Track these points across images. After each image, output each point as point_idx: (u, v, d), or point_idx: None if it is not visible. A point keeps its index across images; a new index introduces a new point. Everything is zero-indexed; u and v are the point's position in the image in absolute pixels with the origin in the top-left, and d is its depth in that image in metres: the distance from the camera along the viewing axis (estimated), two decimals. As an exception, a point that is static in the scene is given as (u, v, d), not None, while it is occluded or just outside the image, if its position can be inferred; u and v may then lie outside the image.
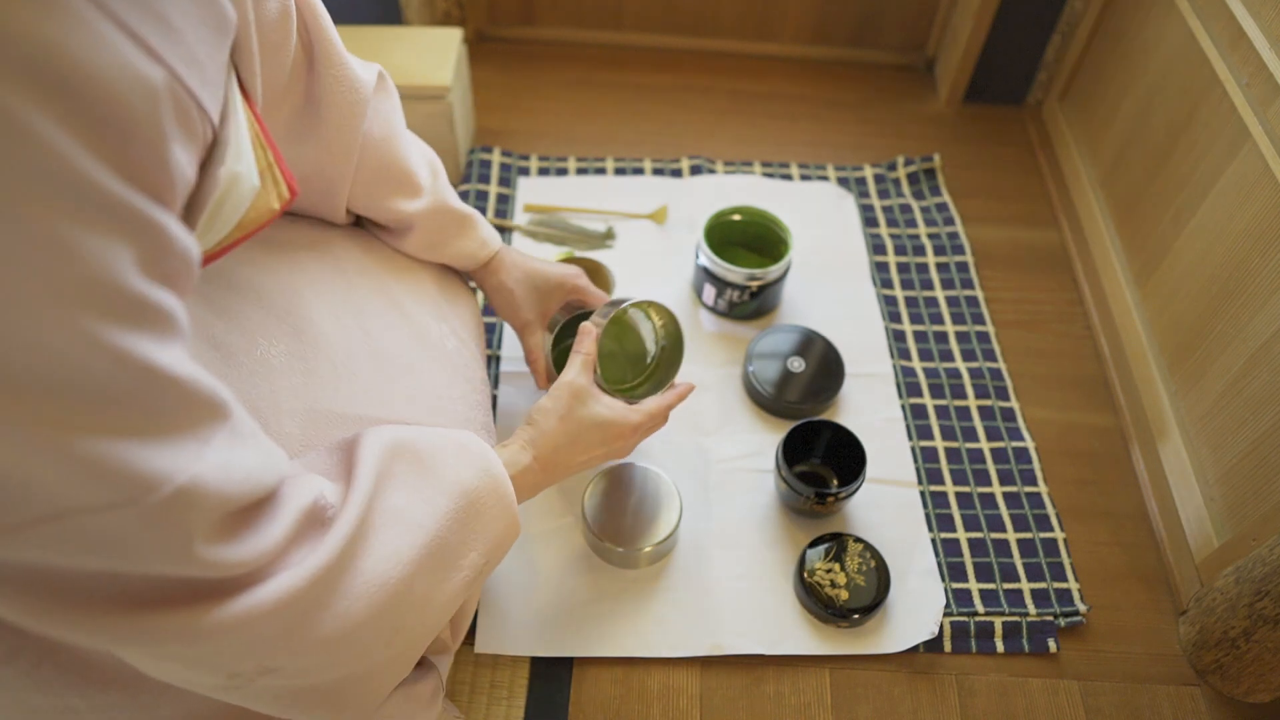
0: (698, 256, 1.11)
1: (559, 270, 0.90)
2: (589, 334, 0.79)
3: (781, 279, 1.11)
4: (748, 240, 1.15)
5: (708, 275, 1.09)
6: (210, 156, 0.44)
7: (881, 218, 1.30)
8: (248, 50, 0.53)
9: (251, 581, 0.45)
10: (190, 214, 0.44)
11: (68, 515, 0.35)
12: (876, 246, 1.26)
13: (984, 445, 1.05)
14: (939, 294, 1.21)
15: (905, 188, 1.34)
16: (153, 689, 0.53)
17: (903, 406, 1.08)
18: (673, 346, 0.89)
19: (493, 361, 1.09)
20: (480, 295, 1.05)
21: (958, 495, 1.01)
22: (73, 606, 0.39)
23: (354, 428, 0.65)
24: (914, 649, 0.89)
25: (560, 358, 0.95)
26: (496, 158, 1.32)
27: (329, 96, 0.70)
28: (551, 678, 0.86)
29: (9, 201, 0.30)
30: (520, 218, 1.25)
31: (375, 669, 0.56)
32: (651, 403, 0.80)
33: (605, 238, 1.23)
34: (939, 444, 1.05)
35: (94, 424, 0.34)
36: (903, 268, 1.23)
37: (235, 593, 0.44)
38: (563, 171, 1.33)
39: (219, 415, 0.41)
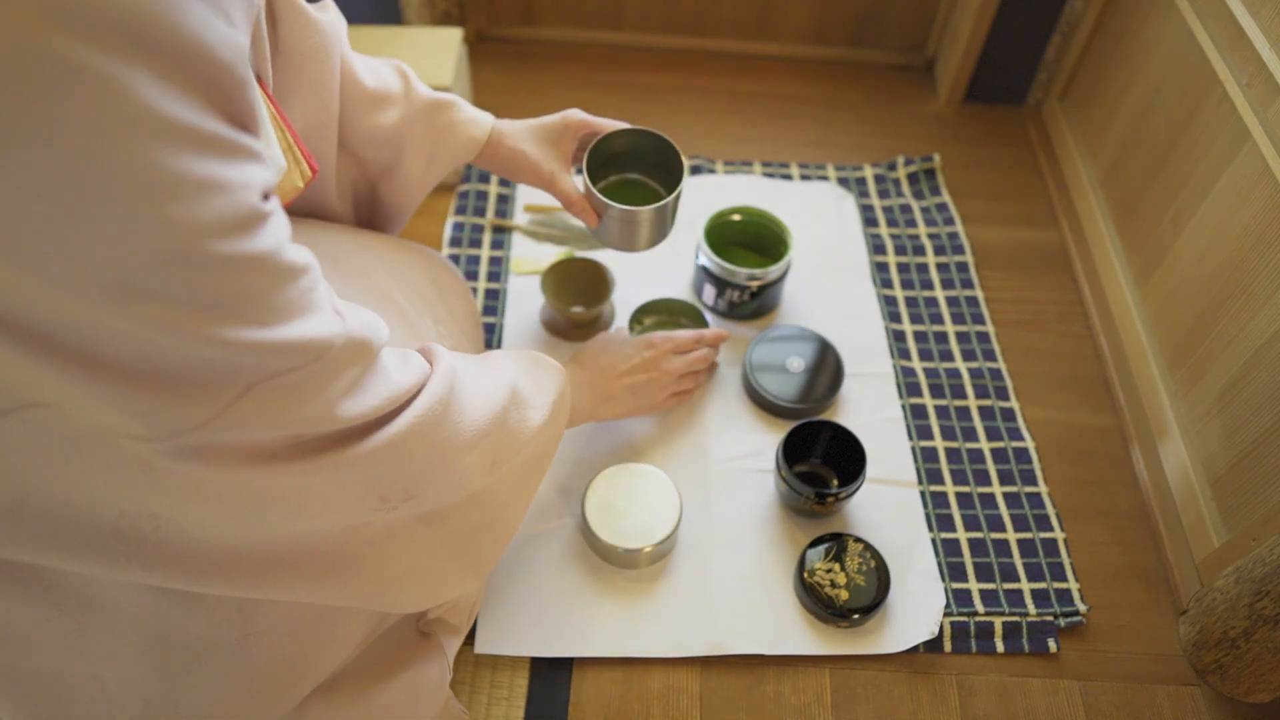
0: (698, 256, 1.11)
1: (558, 115, 0.88)
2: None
3: (781, 279, 1.11)
4: (748, 240, 1.15)
5: (708, 275, 1.09)
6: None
7: (881, 218, 1.30)
8: (259, 33, 0.54)
9: (393, 416, 0.53)
10: None
11: (280, 374, 0.43)
12: (876, 246, 1.26)
13: (984, 445, 1.05)
14: (939, 294, 1.21)
15: (905, 188, 1.34)
16: (178, 659, 0.55)
17: (903, 406, 1.08)
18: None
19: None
20: (476, 297, 1.05)
21: (958, 495, 1.01)
22: (254, 458, 0.45)
23: None
24: (914, 649, 0.89)
25: (604, 193, 0.92)
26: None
27: (299, 44, 0.69)
28: (551, 678, 0.86)
29: (150, 151, 0.35)
30: (520, 218, 1.25)
31: (484, 500, 0.65)
32: (663, 339, 0.92)
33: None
34: (939, 444, 1.05)
35: (265, 318, 0.41)
36: (903, 268, 1.23)
37: (382, 425, 0.52)
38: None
39: (328, 289, 0.48)
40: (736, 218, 1.14)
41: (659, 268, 1.20)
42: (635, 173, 0.95)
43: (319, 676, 0.62)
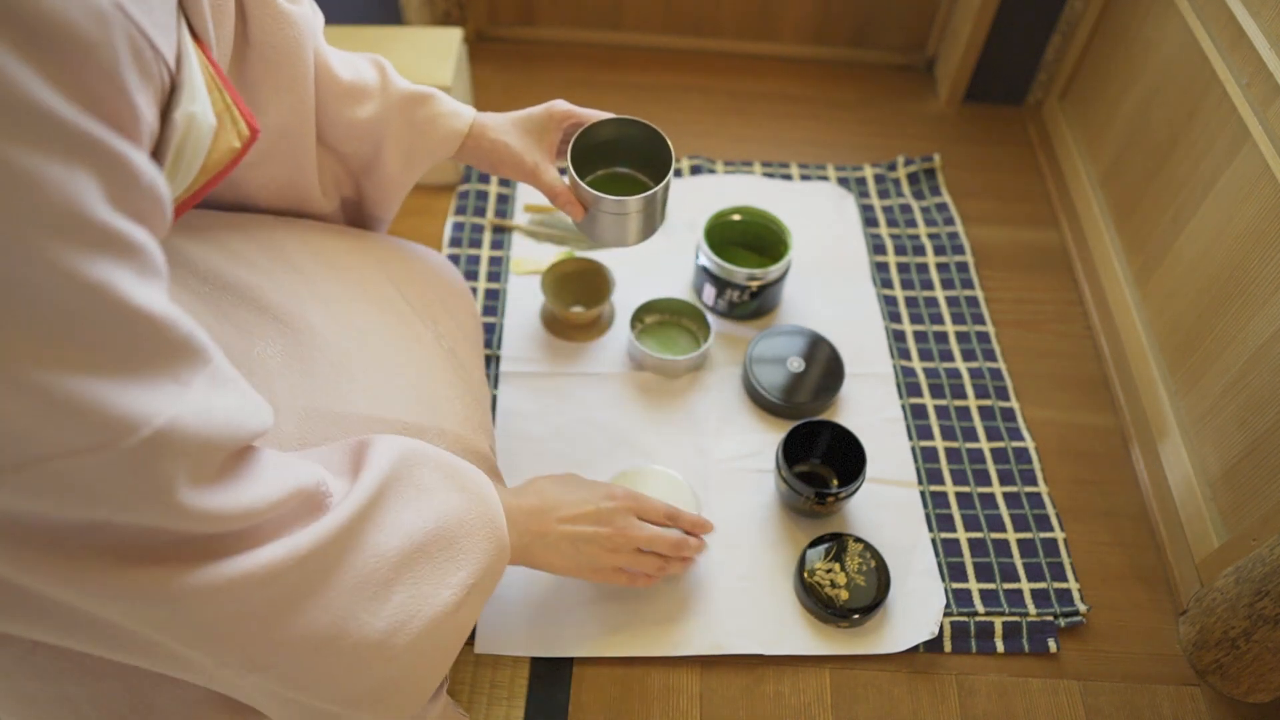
0: (698, 256, 1.11)
1: (542, 106, 0.84)
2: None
3: (781, 279, 1.11)
4: (748, 240, 1.15)
5: (708, 275, 1.09)
6: (169, 102, 0.44)
7: (881, 218, 1.30)
8: None
9: (240, 547, 0.45)
10: (155, 160, 0.44)
11: (47, 460, 0.34)
12: (876, 246, 1.26)
13: (984, 445, 1.05)
14: (939, 294, 1.20)
15: (905, 188, 1.34)
16: (149, 678, 0.53)
17: (903, 406, 1.08)
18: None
19: (492, 361, 1.09)
20: (479, 291, 1.05)
21: (958, 495, 1.01)
22: (57, 557, 0.38)
23: (352, 427, 0.65)
24: (914, 649, 0.89)
25: (593, 184, 0.87)
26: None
27: (271, 38, 0.68)
28: (551, 678, 0.86)
29: None
30: (520, 218, 1.25)
31: (364, 695, 0.55)
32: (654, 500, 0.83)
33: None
34: (939, 444, 1.05)
35: (68, 361, 0.34)
36: (903, 268, 1.23)
37: (221, 556, 0.43)
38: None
39: (198, 358, 0.41)
40: (736, 218, 1.14)
41: (659, 268, 1.19)
42: (624, 166, 0.91)
43: None
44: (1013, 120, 1.48)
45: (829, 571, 0.90)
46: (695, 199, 1.28)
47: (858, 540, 0.92)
